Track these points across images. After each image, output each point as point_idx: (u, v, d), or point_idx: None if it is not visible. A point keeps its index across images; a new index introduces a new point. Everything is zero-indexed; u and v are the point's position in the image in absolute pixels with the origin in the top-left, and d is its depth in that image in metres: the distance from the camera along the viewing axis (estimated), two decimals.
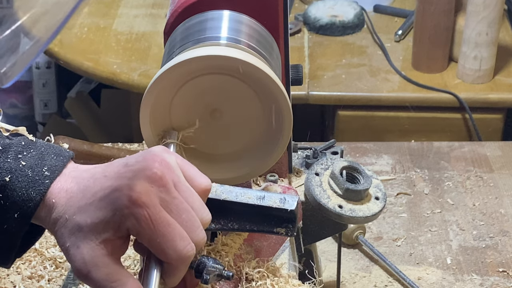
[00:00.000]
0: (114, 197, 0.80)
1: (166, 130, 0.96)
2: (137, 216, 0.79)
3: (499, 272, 1.41)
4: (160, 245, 0.80)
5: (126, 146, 1.69)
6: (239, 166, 1.00)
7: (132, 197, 0.79)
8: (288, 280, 0.95)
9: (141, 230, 0.80)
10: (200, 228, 0.83)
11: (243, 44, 0.94)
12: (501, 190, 1.61)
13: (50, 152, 0.86)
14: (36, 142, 0.87)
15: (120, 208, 0.80)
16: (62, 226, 0.82)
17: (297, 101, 2.05)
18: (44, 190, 0.83)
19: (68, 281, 1.30)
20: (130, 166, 0.83)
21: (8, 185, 0.83)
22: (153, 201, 0.80)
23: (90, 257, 0.80)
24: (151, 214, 0.79)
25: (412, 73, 2.18)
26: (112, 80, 2.19)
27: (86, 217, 0.81)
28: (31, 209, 0.82)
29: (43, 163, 0.84)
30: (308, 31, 2.38)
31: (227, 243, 0.96)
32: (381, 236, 1.50)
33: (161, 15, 2.39)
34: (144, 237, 0.80)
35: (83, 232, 0.80)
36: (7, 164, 0.84)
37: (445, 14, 2.11)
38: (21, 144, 0.86)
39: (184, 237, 0.81)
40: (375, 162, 1.70)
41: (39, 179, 0.83)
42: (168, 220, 0.81)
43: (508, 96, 2.11)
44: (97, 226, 0.80)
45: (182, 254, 0.81)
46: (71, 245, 0.81)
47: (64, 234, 0.82)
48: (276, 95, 0.93)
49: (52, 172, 0.84)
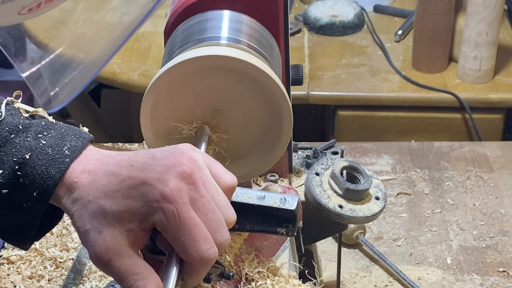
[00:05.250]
0: (145, 189, 0.80)
1: (199, 127, 0.95)
2: (166, 211, 0.79)
3: (499, 272, 1.41)
4: (183, 244, 0.80)
5: (126, 146, 1.69)
6: (239, 166, 1.00)
7: (163, 192, 0.79)
8: (288, 280, 0.95)
9: (167, 225, 0.79)
10: (225, 229, 0.83)
11: (243, 44, 0.94)
12: (501, 190, 1.61)
13: (70, 133, 0.86)
14: (56, 123, 0.87)
15: (150, 201, 0.79)
16: (83, 208, 0.81)
17: (297, 101, 2.05)
18: (64, 169, 0.82)
19: (68, 281, 1.30)
20: (158, 159, 0.82)
21: (28, 162, 0.82)
22: (183, 199, 0.80)
23: (113, 245, 0.79)
24: (179, 211, 0.79)
25: (412, 73, 2.18)
26: (112, 80, 2.19)
27: (112, 203, 0.80)
28: (50, 187, 0.82)
29: (63, 143, 0.84)
30: (308, 31, 2.38)
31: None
32: (381, 236, 1.50)
33: (161, 15, 2.39)
34: (170, 233, 0.80)
35: (108, 218, 0.80)
36: (27, 143, 0.83)
37: (445, 14, 2.11)
38: (41, 124, 0.86)
39: (208, 239, 0.81)
40: (375, 162, 1.70)
41: (59, 157, 0.83)
42: (195, 219, 0.80)
43: (508, 96, 2.11)
44: (123, 215, 0.79)
45: (204, 256, 0.81)
46: (91, 228, 0.80)
47: (84, 216, 0.81)
48: (276, 95, 0.93)
49: (73, 152, 0.83)
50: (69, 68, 0.68)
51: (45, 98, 0.70)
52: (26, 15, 0.63)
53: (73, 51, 0.68)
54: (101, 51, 0.66)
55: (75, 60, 0.68)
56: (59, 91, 0.66)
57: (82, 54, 0.67)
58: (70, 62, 0.69)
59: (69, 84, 0.67)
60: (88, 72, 0.67)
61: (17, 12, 0.62)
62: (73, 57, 0.69)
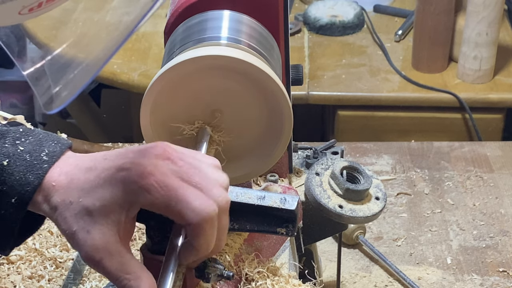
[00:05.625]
0: (121, 175, 0.79)
1: (200, 127, 0.95)
2: (147, 187, 0.78)
3: (499, 272, 1.41)
4: (176, 207, 0.78)
5: (126, 146, 1.69)
6: (240, 166, 1.00)
7: (140, 171, 0.78)
8: (288, 280, 0.95)
9: (153, 199, 0.78)
10: (217, 187, 0.81)
11: (243, 44, 0.94)
12: (501, 190, 1.61)
13: (48, 139, 0.85)
14: (34, 130, 0.87)
15: (129, 184, 0.78)
16: (66, 210, 0.80)
17: (297, 101, 2.05)
18: (42, 174, 0.81)
19: (68, 281, 1.30)
20: (131, 149, 0.82)
21: (5, 169, 0.82)
22: (160, 170, 0.79)
23: (103, 243, 0.78)
24: (159, 181, 0.78)
25: (412, 73, 2.18)
26: (112, 80, 2.19)
27: (93, 200, 0.79)
28: (28, 193, 0.81)
29: (41, 149, 0.84)
30: (308, 31, 2.38)
31: (227, 243, 0.96)
32: (381, 236, 1.50)
33: (161, 15, 2.38)
34: (160, 206, 0.79)
35: (93, 216, 0.79)
36: (5, 149, 0.83)
37: (445, 14, 2.11)
38: (19, 131, 0.85)
39: (199, 195, 0.79)
40: (375, 162, 1.70)
41: (37, 163, 0.82)
42: (178, 183, 0.79)
43: (508, 96, 2.11)
44: (108, 208, 0.79)
45: (201, 211, 0.78)
46: (79, 229, 0.79)
47: (69, 218, 0.80)
48: (276, 95, 0.93)
49: (51, 157, 0.83)
50: (69, 68, 0.68)
51: (46, 97, 0.70)
52: (27, 15, 0.62)
53: (74, 51, 0.68)
54: (101, 50, 0.66)
55: (75, 60, 0.68)
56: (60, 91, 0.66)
57: (82, 54, 0.67)
58: (70, 62, 0.68)
59: (70, 83, 0.67)
60: (88, 71, 0.67)
61: (18, 12, 0.62)
62: (74, 57, 0.69)
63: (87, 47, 0.70)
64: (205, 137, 0.94)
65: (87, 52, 0.69)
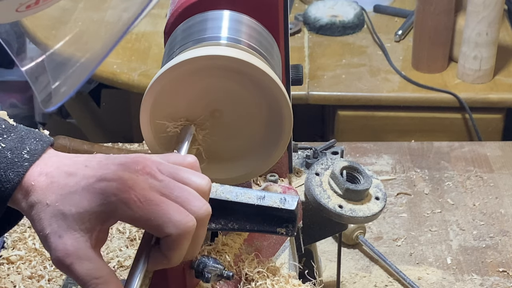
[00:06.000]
0: (101, 186, 0.79)
1: (183, 125, 0.95)
2: (126, 200, 0.78)
3: (499, 272, 1.41)
4: (155, 222, 0.78)
5: (126, 146, 1.69)
6: (239, 166, 1.00)
7: (120, 185, 0.78)
8: (288, 280, 0.95)
9: (132, 213, 0.78)
10: (198, 198, 0.81)
11: (243, 44, 0.94)
12: (501, 190, 1.61)
13: (30, 136, 0.85)
14: (17, 126, 0.87)
15: (108, 196, 0.78)
16: (42, 211, 0.80)
17: (297, 101, 2.05)
18: (22, 172, 0.82)
19: (68, 281, 1.30)
20: (111, 159, 0.82)
21: None
22: (140, 185, 0.79)
23: (74, 249, 0.78)
24: (139, 195, 0.78)
25: (412, 73, 2.18)
26: (112, 80, 2.19)
27: (70, 206, 0.79)
28: (8, 191, 0.81)
29: (23, 146, 0.84)
30: (308, 31, 2.38)
31: (227, 243, 0.96)
32: (381, 236, 1.50)
33: (161, 15, 2.39)
34: (139, 221, 0.79)
35: (67, 221, 0.79)
36: None
37: (445, 14, 2.11)
38: (1, 127, 0.86)
39: (180, 210, 0.79)
40: (375, 162, 1.70)
41: (18, 161, 0.82)
42: (158, 198, 0.79)
43: (508, 96, 2.11)
44: (83, 216, 0.79)
45: (180, 225, 0.79)
46: (51, 232, 0.79)
47: (44, 220, 0.80)
48: (277, 95, 0.93)
49: (32, 155, 0.83)
50: (68, 64, 0.68)
51: (44, 94, 0.70)
52: (24, 12, 0.62)
53: (72, 48, 0.68)
54: (99, 47, 0.66)
55: (73, 57, 0.68)
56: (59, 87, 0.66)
57: (81, 51, 0.67)
58: (68, 60, 0.68)
59: (69, 79, 0.66)
60: (87, 68, 0.67)
61: (15, 9, 0.62)
62: (72, 55, 0.68)
63: (86, 45, 0.69)
64: (187, 136, 0.94)
65: (85, 50, 0.69)
